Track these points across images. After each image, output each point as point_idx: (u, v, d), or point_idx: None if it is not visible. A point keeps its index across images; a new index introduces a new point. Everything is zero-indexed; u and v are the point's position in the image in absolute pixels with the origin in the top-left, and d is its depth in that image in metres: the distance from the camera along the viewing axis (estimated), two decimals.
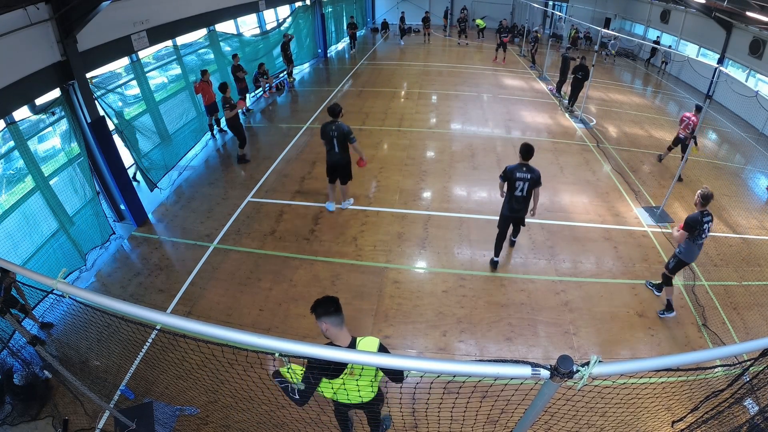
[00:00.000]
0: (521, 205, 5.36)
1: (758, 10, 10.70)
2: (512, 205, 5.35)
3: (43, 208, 5.40)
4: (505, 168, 5.24)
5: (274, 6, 13.29)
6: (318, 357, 1.28)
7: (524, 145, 5.18)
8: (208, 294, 5.43)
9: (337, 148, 6.21)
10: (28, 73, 5.02)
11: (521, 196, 5.26)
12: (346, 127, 6.08)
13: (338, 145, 6.18)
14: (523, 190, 5.20)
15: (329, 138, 6.13)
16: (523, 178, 5.14)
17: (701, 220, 4.61)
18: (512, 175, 5.15)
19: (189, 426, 3.87)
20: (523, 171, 5.14)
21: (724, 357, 3.00)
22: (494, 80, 14.83)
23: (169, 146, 8.23)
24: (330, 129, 6.08)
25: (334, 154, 6.31)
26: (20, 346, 4.36)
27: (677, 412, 3.98)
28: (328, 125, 6.09)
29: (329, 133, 6.09)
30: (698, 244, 4.73)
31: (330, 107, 6.04)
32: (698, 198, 4.63)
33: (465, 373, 1.19)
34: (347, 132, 6.09)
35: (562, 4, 23.17)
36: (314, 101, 12.23)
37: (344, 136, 6.09)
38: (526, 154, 5.14)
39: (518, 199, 5.29)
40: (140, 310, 1.43)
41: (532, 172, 5.16)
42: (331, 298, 2.54)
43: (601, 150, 9.61)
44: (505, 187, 5.35)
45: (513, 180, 5.16)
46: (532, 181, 5.15)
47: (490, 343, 4.83)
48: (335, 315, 2.51)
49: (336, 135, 6.08)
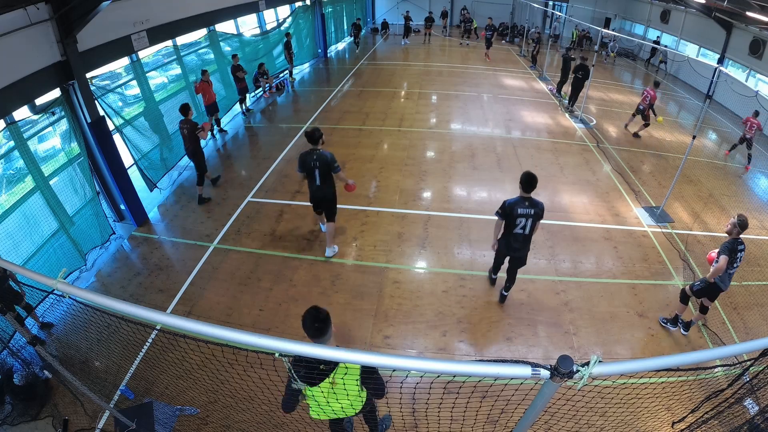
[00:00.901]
0: (522, 244, 4.64)
1: (758, 10, 10.70)
2: (510, 243, 4.63)
3: (43, 208, 5.40)
4: (504, 203, 4.47)
5: (274, 6, 13.29)
6: (318, 357, 1.28)
7: (526, 175, 4.34)
8: (208, 294, 5.43)
9: (319, 180, 5.35)
10: (28, 73, 5.02)
11: (522, 234, 4.53)
12: (329, 155, 5.24)
13: (321, 176, 5.33)
14: (525, 227, 4.47)
15: (310, 168, 5.28)
16: (525, 214, 4.41)
17: (736, 248, 4.31)
18: (513, 212, 4.41)
19: (189, 426, 3.87)
20: (525, 206, 4.39)
21: (724, 357, 3.01)
22: (494, 80, 14.83)
23: (168, 146, 8.23)
24: (311, 159, 5.23)
25: (317, 188, 5.44)
26: (20, 346, 4.37)
27: (677, 412, 3.98)
28: (309, 155, 5.23)
29: (310, 163, 5.24)
30: (729, 273, 4.43)
31: (309, 132, 5.16)
32: (734, 227, 4.30)
33: (465, 373, 1.19)
34: (330, 161, 5.23)
35: (562, 4, 23.17)
36: (314, 101, 12.23)
37: (327, 165, 5.25)
38: (528, 186, 4.35)
39: (518, 237, 4.57)
40: (140, 310, 1.43)
41: (536, 206, 4.41)
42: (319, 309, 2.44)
43: (601, 150, 9.61)
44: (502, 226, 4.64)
45: (514, 217, 4.43)
46: (536, 216, 4.43)
47: (490, 343, 4.83)
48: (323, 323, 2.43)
49: (318, 165, 5.24)
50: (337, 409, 2.58)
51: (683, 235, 6.73)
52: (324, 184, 5.40)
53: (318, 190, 5.46)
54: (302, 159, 5.28)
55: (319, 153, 5.23)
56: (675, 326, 5.00)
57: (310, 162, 5.24)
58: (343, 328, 4.91)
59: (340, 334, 4.83)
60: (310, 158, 5.23)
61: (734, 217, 4.35)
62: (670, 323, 5.02)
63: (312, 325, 2.42)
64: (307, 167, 5.29)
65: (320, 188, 5.43)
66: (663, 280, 5.84)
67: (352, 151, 9.12)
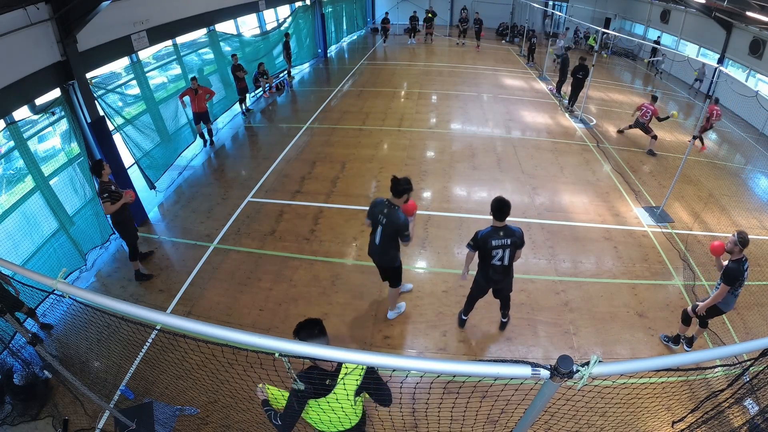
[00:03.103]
0: (502, 276, 4.22)
1: (758, 10, 10.70)
2: (489, 275, 4.22)
3: (43, 208, 5.40)
4: (476, 234, 4.05)
5: (274, 6, 13.30)
6: (318, 357, 1.28)
7: (497, 202, 3.91)
8: (208, 294, 5.43)
9: (379, 239, 4.35)
10: (28, 73, 5.03)
11: (501, 266, 4.09)
12: (403, 220, 4.13)
13: (382, 237, 4.31)
14: (503, 258, 4.03)
15: (375, 221, 4.33)
16: (501, 245, 3.97)
17: (741, 269, 3.99)
18: (486, 244, 3.98)
19: (189, 426, 3.87)
20: (500, 236, 3.95)
21: (724, 357, 3.01)
22: (494, 80, 14.83)
23: (168, 146, 8.24)
24: (379, 211, 4.24)
25: (374, 247, 4.47)
26: (20, 346, 4.37)
27: (677, 412, 3.98)
28: (380, 206, 4.25)
29: (377, 215, 4.28)
30: (736, 294, 4.14)
31: (396, 180, 4.08)
32: (735, 245, 3.95)
33: (465, 373, 1.19)
34: (402, 227, 4.13)
35: (562, 4, 23.17)
36: (314, 101, 12.23)
37: (396, 231, 4.20)
38: (499, 214, 3.91)
39: (497, 269, 4.13)
40: (140, 310, 1.42)
41: (512, 234, 3.98)
42: (315, 321, 2.36)
43: (601, 150, 9.61)
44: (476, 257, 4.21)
45: (489, 249, 4.00)
46: (513, 245, 4.00)
47: (490, 343, 4.83)
48: (318, 338, 2.33)
49: (384, 224, 4.22)
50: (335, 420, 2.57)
51: (683, 235, 6.73)
52: (383, 246, 4.37)
53: (374, 250, 4.51)
54: (372, 208, 4.34)
55: (392, 210, 4.16)
56: (677, 344, 4.80)
57: (377, 214, 4.28)
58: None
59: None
60: (379, 210, 4.25)
61: (734, 234, 3.96)
62: (672, 342, 4.82)
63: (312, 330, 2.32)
64: (373, 217, 4.36)
65: (377, 249, 4.45)
66: (663, 280, 5.85)
67: (352, 151, 9.12)
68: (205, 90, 8.75)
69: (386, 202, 4.22)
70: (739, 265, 4.00)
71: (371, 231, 4.48)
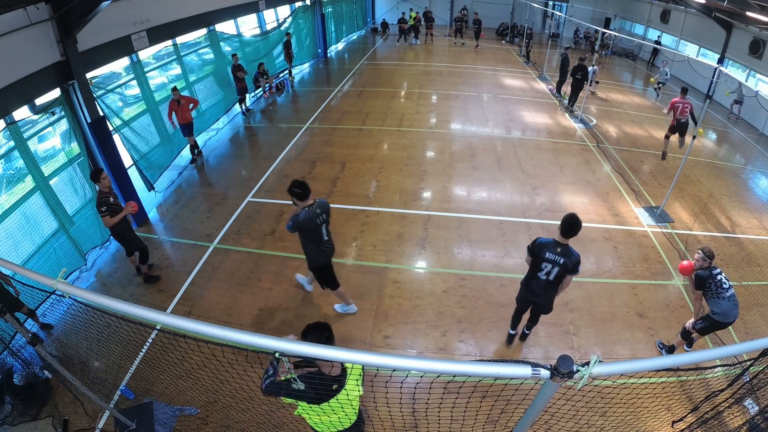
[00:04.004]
0: (543, 291, 4.09)
1: (758, 10, 10.69)
2: (531, 286, 4.14)
3: (43, 208, 5.40)
4: (535, 240, 3.97)
5: (274, 6, 13.29)
6: (318, 357, 1.28)
7: (570, 218, 3.72)
8: (208, 294, 5.43)
9: (326, 234, 4.45)
10: (28, 73, 5.02)
11: (545, 281, 4.00)
12: (325, 201, 4.34)
13: (327, 229, 4.46)
14: (549, 273, 3.94)
15: (316, 226, 4.29)
16: (553, 260, 3.85)
17: (711, 273, 4.12)
18: (540, 253, 3.89)
19: (189, 426, 3.87)
20: (556, 252, 3.83)
21: (724, 357, 3.00)
22: (494, 80, 14.83)
23: (168, 146, 8.23)
24: (316, 214, 4.21)
25: (329, 244, 4.56)
26: (20, 346, 4.37)
27: (677, 412, 3.98)
28: (311, 209, 4.18)
29: (316, 220, 4.24)
30: (725, 297, 4.08)
31: (300, 183, 4.12)
32: (703, 260, 4.15)
33: (465, 373, 1.19)
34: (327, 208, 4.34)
35: (562, 4, 23.18)
36: (314, 101, 12.23)
37: (328, 213, 4.38)
38: (566, 231, 3.75)
39: (540, 283, 4.04)
40: (140, 310, 1.43)
41: (569, 256, 3.79)
42: (324, 326, 2.35)
43: (601, 150, 9.61)
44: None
45: (540, 259, 3.92)
46: (563, 267, 3.83)
47: (490, 343, 4.83)
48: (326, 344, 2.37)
49: (326, 218, 4.35)
50: (335, 421, 2.57)
51: (683, 235, 6.73)
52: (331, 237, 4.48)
53: (330, 246, 4.58)
54: (308, 218, 4.17)
55: (319, 202, 4.25)
56: (671, 353, 4.67)
57: (316, 218, 4.23)
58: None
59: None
60: (313, 213, 4.19)
61: (699, 251, 4.20)
62: (666, 350, 4.78)
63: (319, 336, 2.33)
64: (312, 224, 4.23)
65: (330, 243, 4.54)
66: (663, 280, 5.85)
67: (352, 151, 9.12)
68: (188, 99, 8.14)
69: (312, 205, 4.20)
70: (710, 271, 4.16)
71: (317, 241, 4.43)
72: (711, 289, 4.12)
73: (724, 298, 4.09)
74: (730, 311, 4.09)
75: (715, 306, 4.11)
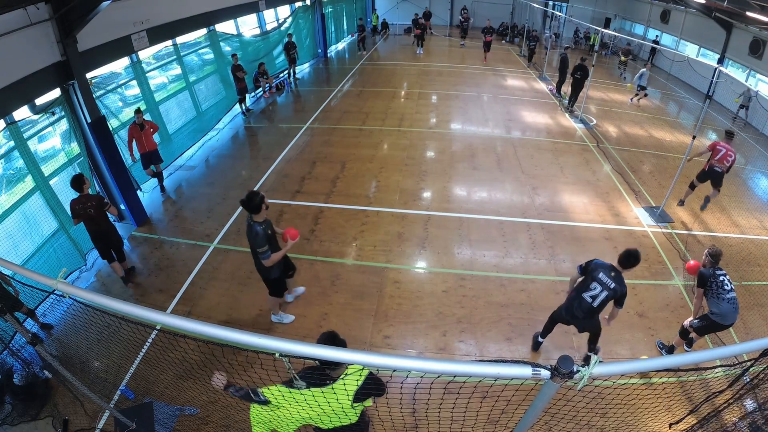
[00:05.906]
0: (583, 314, 4.03)
1: (758, 10, 10.69)
2: (573, 307, 4.09)
3: (43, 208, 5.40)
4: (592, 260, 4.04)
5: (274, 6, 13.29)
6: (318, 357, 1.28)
7: (631, 251, 3.86)
8: (208, 294, 5.43)
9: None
10: (28, 73, 5.02)
11: (589, 305, 3.96)
12: (261, 233, 4.01)
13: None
14: (596, 297, 3.93)
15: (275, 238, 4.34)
16: (604, 283, 3.88)
17: (714, 273, 4.15)
18: (594, 273, 3.93)
19: (189, 426, 3.87)
20: (610, 276, 3.88)
21: (724, 357, 3.00)
22: (494, 80, 14.83)
23: (168, 146, 8.23)
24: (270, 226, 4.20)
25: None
26: (20, 346, 4.36)
27: (677, 412, 3.98)
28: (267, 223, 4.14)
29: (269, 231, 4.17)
30: (725, 298, 4.09)
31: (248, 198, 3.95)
32: (706, 258, 4.21)
33: (465, 374, 1.18)
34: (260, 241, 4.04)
35: (562, 4, 23.17)
36: (314, 101, 12.23)
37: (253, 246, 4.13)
38: (624, 261, 3.87)
39: (583, 305, 3.99)
40: (140, 310, 1.42)
41: (620, 282, 3.86)
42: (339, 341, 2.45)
43: (601, 150, 9.61)
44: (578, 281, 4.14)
45: (591, 279, 3.94)
46: (613, 292, 3.86)
47: (490, 343, 4.82)
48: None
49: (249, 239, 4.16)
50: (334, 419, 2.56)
51: (683, 235, 6.73)
52: (255, 258, 4.33)
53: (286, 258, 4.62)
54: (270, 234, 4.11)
55: (251, 225, 4.03)
56: (671, 353, 4.68)
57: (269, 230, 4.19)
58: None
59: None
60: (268, 226, 4.13)
61: (706, 250, 4.27)
62: (666, 351, 4.78)
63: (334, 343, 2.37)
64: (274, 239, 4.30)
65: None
66: (663, 280, 5.84)
67: (352, 151, 9.12)
68: (150, 124, 7.09)
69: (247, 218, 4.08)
70: (713, 271, 4.17)
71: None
72: (712, 289, 4.14)
73: (723, 299, 4.09)
74: (728, 313, 4.10)
75: (715, 306, 4.12)
